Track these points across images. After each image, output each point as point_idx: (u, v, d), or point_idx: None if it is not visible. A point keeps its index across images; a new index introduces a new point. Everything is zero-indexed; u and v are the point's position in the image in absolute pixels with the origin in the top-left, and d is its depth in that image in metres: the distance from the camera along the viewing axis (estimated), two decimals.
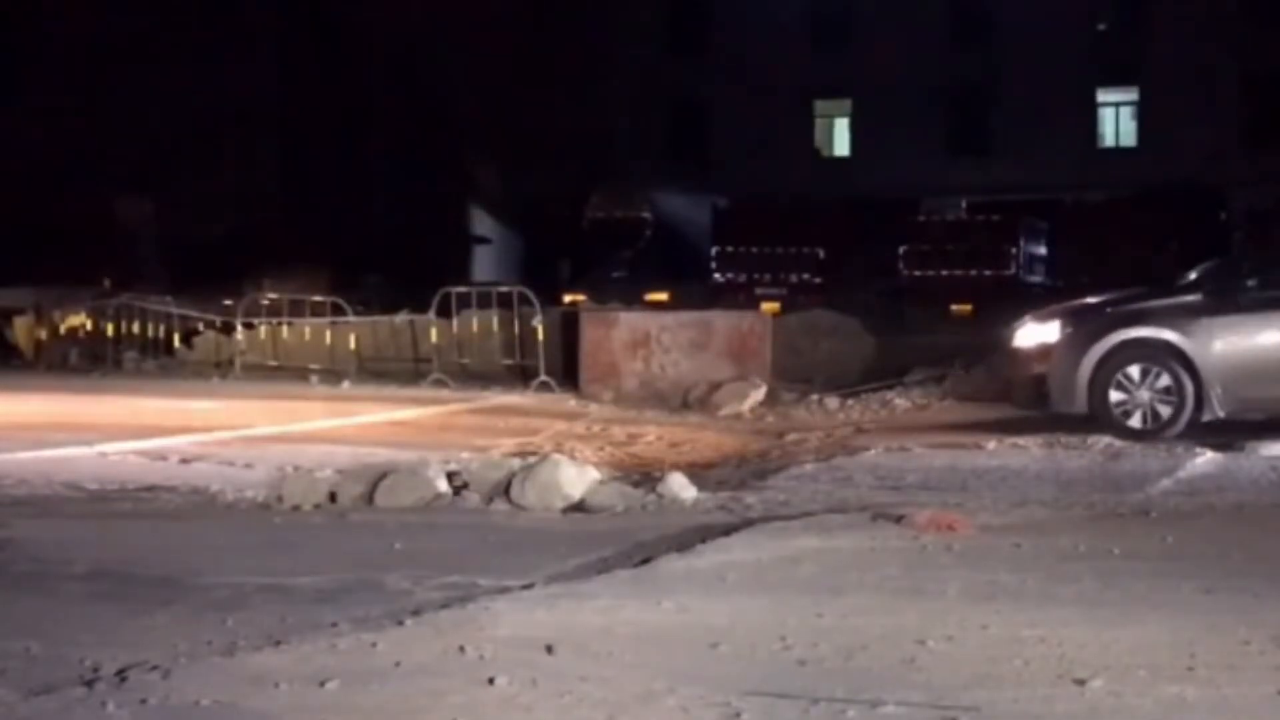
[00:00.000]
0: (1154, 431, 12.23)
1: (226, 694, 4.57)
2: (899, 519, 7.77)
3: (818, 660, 4.97)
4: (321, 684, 4.67)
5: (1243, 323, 12.33)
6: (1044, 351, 12.83)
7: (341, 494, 9.02)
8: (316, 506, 8.89)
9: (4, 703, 4.55)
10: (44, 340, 25.45)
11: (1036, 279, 30.43)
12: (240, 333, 23.20)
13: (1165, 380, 12.29)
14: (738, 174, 41.59)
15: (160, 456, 11.18)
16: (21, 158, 36.10)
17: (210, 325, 24.18)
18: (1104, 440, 12.20)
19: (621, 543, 7.39)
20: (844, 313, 21.75)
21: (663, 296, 29.39)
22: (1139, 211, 33.23)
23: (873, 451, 11.92)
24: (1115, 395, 12.38)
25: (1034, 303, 28.32)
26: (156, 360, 23.61)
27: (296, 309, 23.72)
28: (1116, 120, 44.37)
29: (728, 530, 7.70)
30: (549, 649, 5.08)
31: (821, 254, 31.58)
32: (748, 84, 43.76)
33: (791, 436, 13.39)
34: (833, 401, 16.37)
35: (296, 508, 8.87)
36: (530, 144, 40.55)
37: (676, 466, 11.31)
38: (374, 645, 5.17)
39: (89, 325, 24.98)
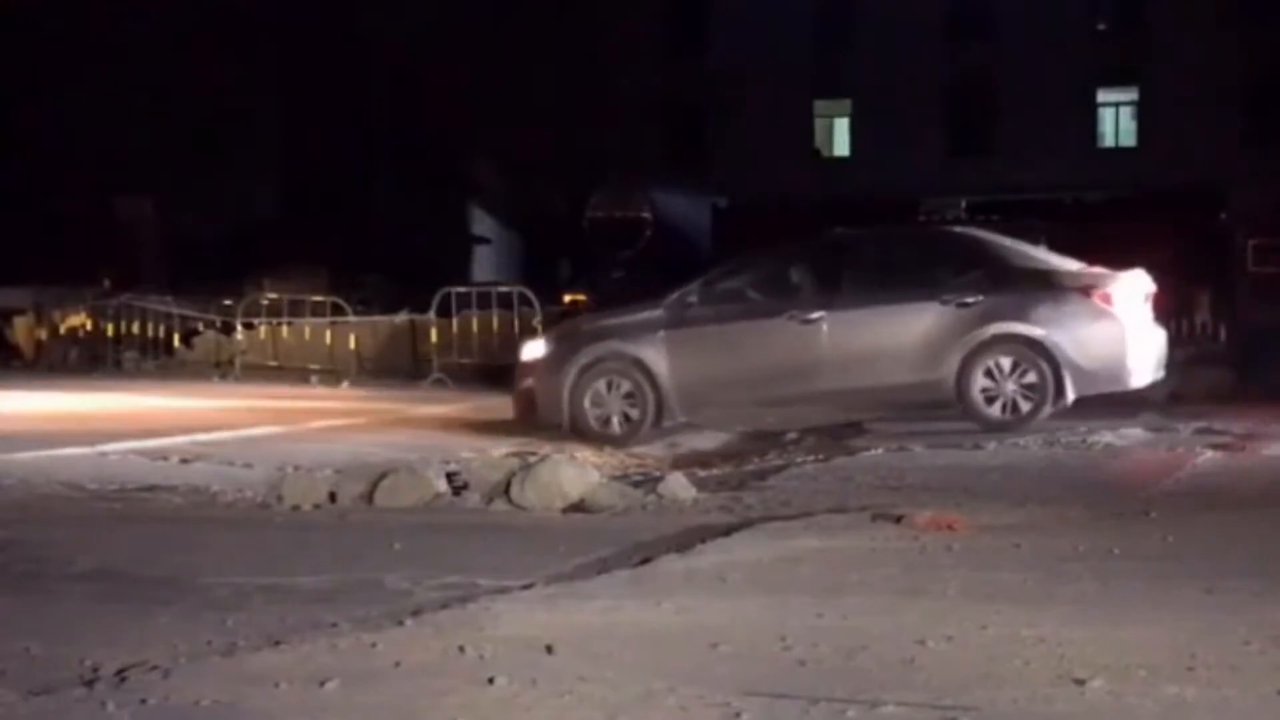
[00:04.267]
0: (623, 437, 13.19)
1: (226, 694, 4.57)
2: (899, 519, 7.77)
3: (818, 660, 4.97)
4: (321, 684, 4.67)
5: (688, 335, 13.33)
6: (537, 365, 13.80)
7: (341, 494, 9.03)
8: (316, 506, 8.90)
9: (4, 703, 4.55)
10: (44, 340, 25.46)
11: None
12: (240, 333, 23.21)
13: (629, 390, 13.30)
14: (738, 174, 41.59)
15: (160, 456, 11.18)
16: (22, 157, 36.10)
17: (210, 325, 24.19)
18: (1104, 440, 12.20)
19: (621, 543, 7.40)
20: None
21: None
22: (1139, 211, 33.24)
23: (873, 451, 11.92)
24: (590, 405, 13.33)
25: None
26: (156, 360, 23.61)
27: (296, 309, 23.73)
28: (1116, 120, 44.34)
29: (728, 530, 7.70)
30: (549, 649, 5.08)
31: None
32: (748, 84, 43.73)
33: (791, 436, 13.39)
34: None
35: (296, 508, 8.88)
36: (530, 144, 40.54)
37: (676, 466, 11.32)
38: (374, 645, 5.17)
39: (89, 325, 24.99)
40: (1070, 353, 12.59)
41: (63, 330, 25.37)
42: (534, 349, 14.13)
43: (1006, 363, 12.67)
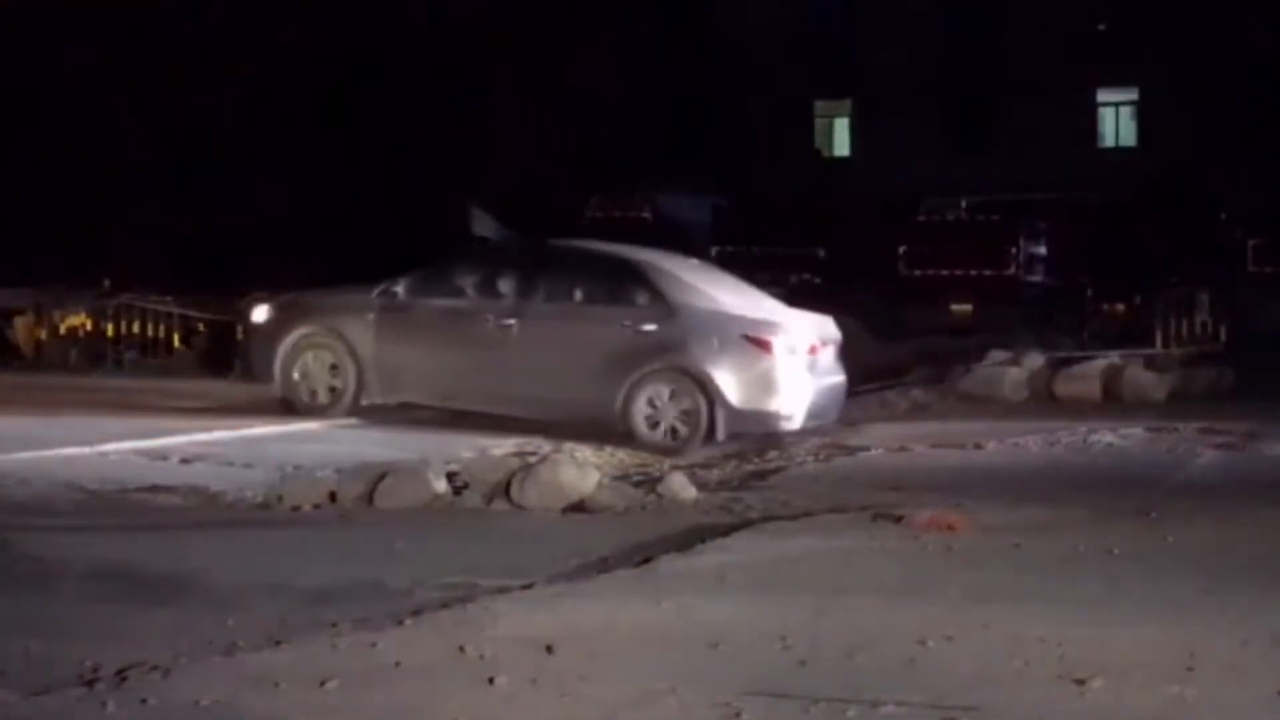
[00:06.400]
0: (320, 409, 13.80)
1: (226, 694, 4.58)
2: (899, 519, 7.78)
3: (818, 660, 4.97)
4: (321, 684, 4.67)
5: (396, 322, 13.93)
6: (259, 330, 14.63)
7: (341, 494, 9.03)
8: (316, 507, 8.90)
9: (4, 703, 4.55)
10: (44, 340, 25.42)
11: (1036, 279, 30.39)
12: (240, 332, 23.18)
13: (335, 365, 13.92)
14: (738, 174, 41.56)
15: (160, 456, 11.16)
16: (23, 156, 36.10)
17: (210, 325, 24.15)
18: (1104, 440, 12.21)
19: (621, 543, 7.40)
20: (844, 313, 21.71)
21: None
22: (1139, 211, 33.18)
23: (873, 451, 11.92)
24: (299, 375, 13.96)
25: (1033, 303, 28.34)
26: (156, 360, 23.59)
27: None
28: (1116, 120, 44.34)
29: (728, 530, 7.71)
30: (549, 649, 5.09)
31: (821, 254, 31.54)
32: (748, 84, 43.72)
33: (791, 436, 13.37)
34: None
35: (297, 508, 8.88)
36: (530, 144, 40.55)
37: (676, 466, 11.31)
38: (374, 645, 5.18)
39: (89, 325, 24.95)
40: (725, 391, 12.99)
41: (63, 330, 25.33)
42: (259, 314, 14.77)
43: (667, 392, 13.13)
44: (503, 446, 12.03)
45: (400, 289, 14.14)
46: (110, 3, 36.58)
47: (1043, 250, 31.05)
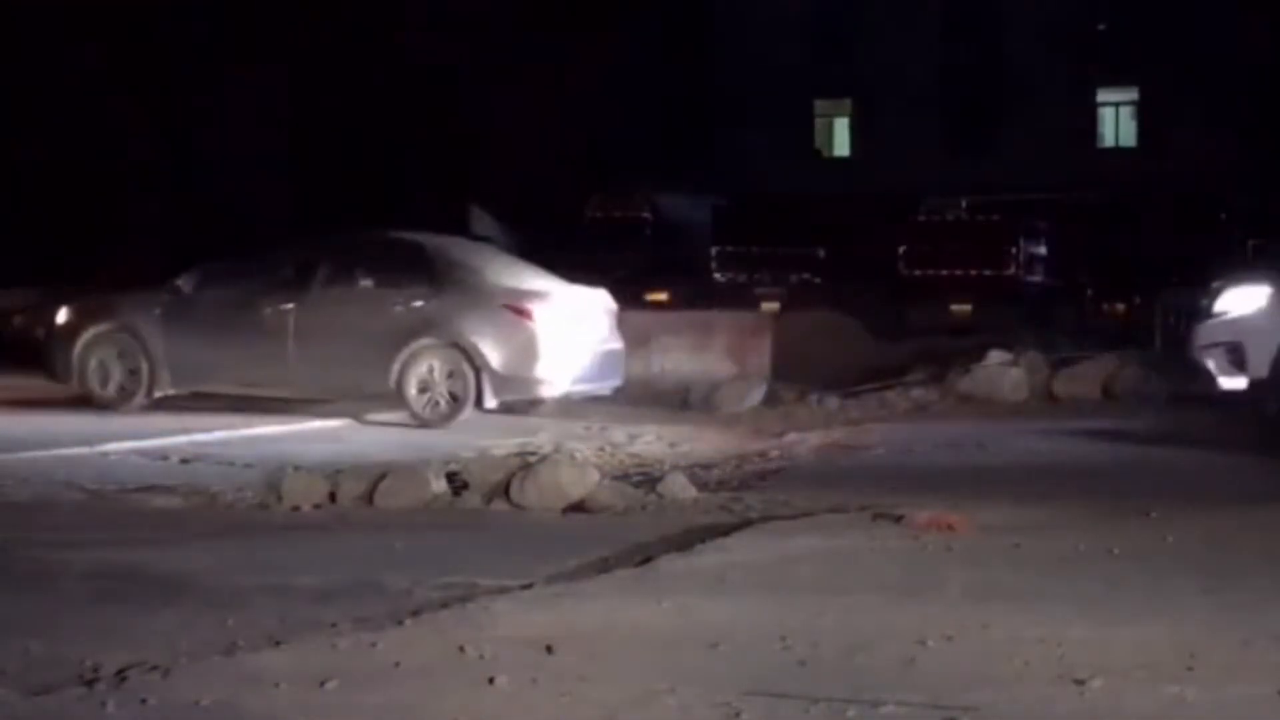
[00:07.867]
0: (114, 403, 14.36)
1: (226, 694, 4.58)
2: (899, 519, 7.78)
3: (818, 660, 4.97)
4: (321, 684, 4.67)
5: (182, 317, 14.51)
6: (59, 330, 15.11)
7: (341, 494, 9.03)
8: (316, 506, 8.90)
9: (4, 703, 4.55)
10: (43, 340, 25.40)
11: (1036, 279, 30.39)
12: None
13: (130, 362, 14.45)
14: (738, 174, 41.57)
15: (160, 456, 11.18)
16: (24, 157, 36.10)
17: None
18: (1105, 440, 12.20)
19: (621, 543, 7.40)
20: (844, 313, 21.73)
21: (663, 296, 29.31)
22: (1139, 211, 33.19)
23: (873, 451, 11.92)
24: (94, 371, 14.53)
25: (1033, 302, 28.33)
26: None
27: None
28: (1116, 120, 44.34)
29: (728, 530, 7.70)
30: (549, 649, 5.09)
31: (821, 254, 31.54)
32: (748, 84, 43.73)
33: (791, 436, 13.38)
34: (833, 401, 16.35)
35: (296, 508, 8.88)
36: (530, 144, 40.55)
37: (676, 466, 11.31)
38: (374, 645, 5.18)
39: None
40: (490, 360, 13.65)
41: None
42: (60, 315, 15.31)
43: (437, 364, 13.76)
44: (503, 446, 12.03)
45: (185, 283, 14.67)
46: (110, 3, 36.57)
47: (1043, 250, 31.05)
